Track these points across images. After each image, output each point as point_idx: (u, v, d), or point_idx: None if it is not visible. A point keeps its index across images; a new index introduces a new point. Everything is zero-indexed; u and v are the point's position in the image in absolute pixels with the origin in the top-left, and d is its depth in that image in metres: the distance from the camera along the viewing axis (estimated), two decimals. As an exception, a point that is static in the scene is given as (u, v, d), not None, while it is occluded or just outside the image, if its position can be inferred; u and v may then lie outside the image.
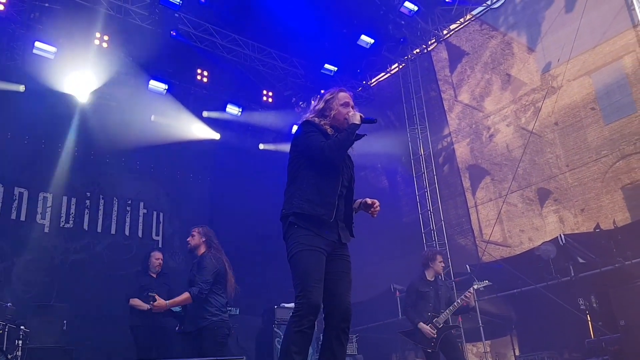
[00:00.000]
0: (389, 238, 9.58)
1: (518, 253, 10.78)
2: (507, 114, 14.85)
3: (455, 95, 14.12)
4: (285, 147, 10.38)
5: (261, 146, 10.13)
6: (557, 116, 14.57)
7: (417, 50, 9.96)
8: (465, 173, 13.00)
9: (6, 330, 5.42)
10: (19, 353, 5.34)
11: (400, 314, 8.10)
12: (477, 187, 13.94)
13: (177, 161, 9.44)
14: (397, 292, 8.35)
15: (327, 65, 9.60)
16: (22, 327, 5.54)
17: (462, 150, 13.29)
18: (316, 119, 3.17)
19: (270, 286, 8.60)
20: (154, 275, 6.50)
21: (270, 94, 9.75)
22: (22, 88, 7.75)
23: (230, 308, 6.55)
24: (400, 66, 10.16)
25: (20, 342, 5.41)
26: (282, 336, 6.14)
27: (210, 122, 9.39)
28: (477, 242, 10.47)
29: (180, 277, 7.70)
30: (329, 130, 3.10)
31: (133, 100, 8.54)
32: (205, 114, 9.35)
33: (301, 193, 3.04)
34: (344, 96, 3.22)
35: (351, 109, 3.16)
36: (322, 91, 3.69)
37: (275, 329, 6.97)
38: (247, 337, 7.51)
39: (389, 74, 10.52)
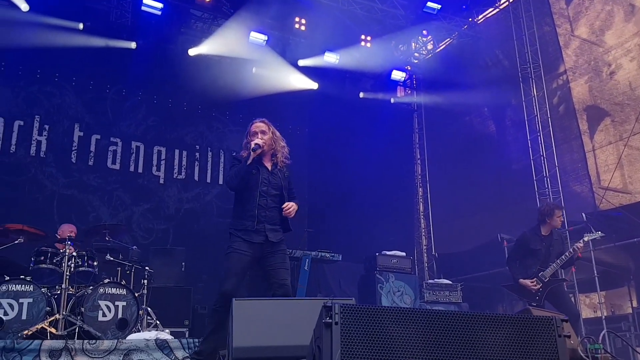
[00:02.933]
0: (498, 186, 9.12)
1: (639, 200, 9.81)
2: (630, 48, 13.23)
3: (571, 30, 12.79)
4: (386, 95, 10.19)
5: (361, 94, 9.91)
6: (691, 48, 12.78)
7: (530, -19, 9.09)
8: (582, 114, 11.90)
9: (132, 270, 5.91)
10: (145, 291, 5.80)
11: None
12: (596, 129, 12.73)
13: (276, 113, 9.51)
14: (505, 242, 8.01)
15: (429, 4, 9.00)
16: (146, 267, 6.01)
17: (579, 90, 12.11)
18: (243, 152, 3.98)
19: (372, 234, 8.61)
20: None
21: (368, 38, 9.41)
22: (133, 45, 8.16)
23: (333, 254, 6.68)
24: (511, 0, 9.36)
25: (145, 281, 5.87)
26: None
27: (308, 72, 9.32)
28: (594, 189, 9.66)
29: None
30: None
31: (235, 53, 8.69)
32: (302, 62, 9.28)
33: (233, 210, 3.99)
34: (253, 127, 4.05)
35: (253, 139, 3.92)
36: None
37: (377, 275, 7.00)
38: (350, 282, 7.63)
39: (497, 9, 9.71)
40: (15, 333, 4.62)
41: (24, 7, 7.11)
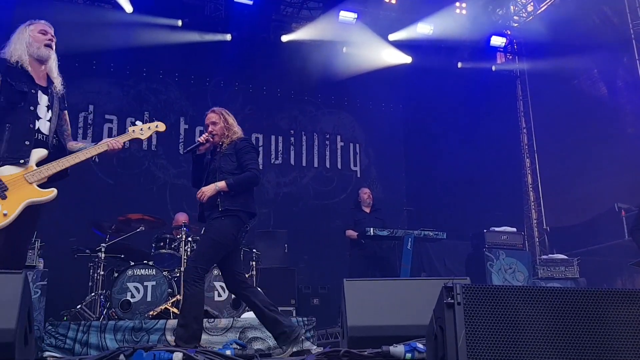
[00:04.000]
0: (611, 152, 8.41)
1: None
2: None
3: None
4: (486, 63, 9.67)
5: (460, 65, 9.49)
6: None
7: None
8: None
9: (241, 253, 6.17)
10: (254, 272, 6.04)
11: (626, 234, 7.21)
12: None
13: (368, 91, 9.46)
14: (623, 212, 7.39)
15: (528, -38, 8.42)
16: (253, 250, 6.25)
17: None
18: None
19: (477, 210, 8.29)
20: (367, 210, 6.97)
21: (463, 5, 8.92)
22: (228, 37, 8.41)
23: (437, 232, 6.53)
24: (619, -51, 8.47)
25: (253, 263, 6.11)
26: None
27: (401, 46, 9.07)
28: None
29: (384, 207, 7.96)
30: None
31: (326, 35, 8.68)
32: (394, 37, 9.04)
33: None
34: (206, 120, 4.08)
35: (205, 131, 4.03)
36: None
37: (486, 253, 6.75)
38: (456, 261, 7.44)
39: (604, -39, 8.85)
40: (142, 314, 4.99)
41: (129, 8, 7.54)
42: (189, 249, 5.47)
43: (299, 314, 5.97)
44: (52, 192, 3.12)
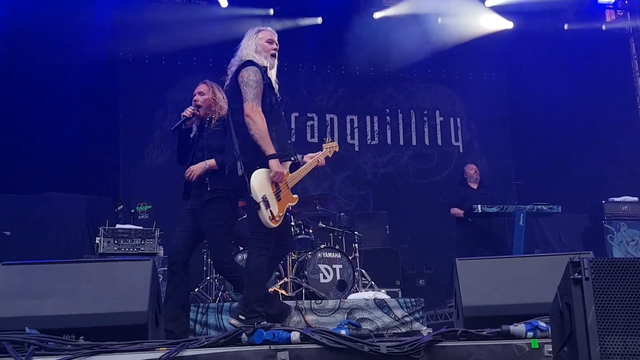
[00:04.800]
0: None
1: None
2: None
3: None
4: (594, 23, 8.83)
5: (566, 26, 8.73)
6: None
7: None
8: None
9: (343, 235, 6.20)
10: (357, 254, 6.05)
11: None
12: None
13: (467, 62, 9.05)
14: None
15: None
16: (355, 232, 6.25)
17: None
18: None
19: (593, 181, 7.65)
20: (474, 187, 6.77)
21: (567, -40, 8.22)
22: (319, 20, 8.40)
23: (551, 206, 6.14)
24: None
25: (356, 245, 6.12)
26: None
27: (500, 11, 8.47)
28: None
29: (491, 183, 7.61)
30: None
31: (419, 7, 8.37)
32: (491, 1, 8.46)
33: None
34: (195, 90, 3.97)
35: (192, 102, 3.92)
36: None
37: (606, 225, 6.23)
38: (572, 235, 6.95)
39: None
40: (253, 295, 5.18)
41: (224, 3, 7.76)
42: (292, 233, 5.57)
43: (405, 295, 5.90)
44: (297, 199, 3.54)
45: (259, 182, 3.21)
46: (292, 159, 3.45)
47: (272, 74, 3.52)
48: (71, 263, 2.68)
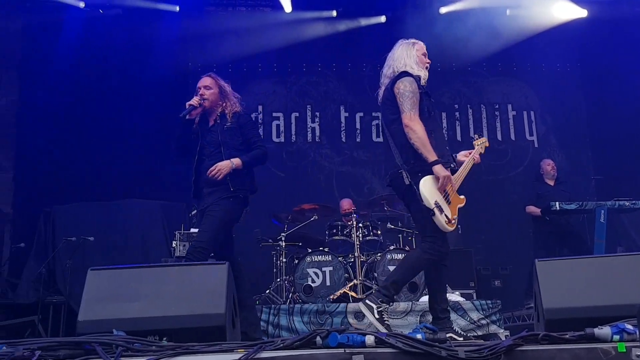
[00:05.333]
0: None
1: None
2: None
3: None
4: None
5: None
6: None
7: None
8: None
9: (412, 236, 6.12)
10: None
11: None
12: None
13: (539, 53, 8.64)
14: None
15: None
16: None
17: None
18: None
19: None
20: (551, 183, 6.54)
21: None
22: (383, 19, 8.31)
23: (634, 201, 5.75)
24: None
25: (426, 245, 6.01)
26: None
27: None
28: None
29: (569, 178, 7.24)
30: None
31: (486, 1, 8.12)
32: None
33: None
34: (198, 83, 3.95)
35: (196, 96, 3.88)
36: None
37: None
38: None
39: None
40: (323, 298, 5.22)
41: (288, 8, 7.86)
42: (360, 235, 5.57)
43: (480, 297, 5.72)
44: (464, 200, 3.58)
45: (428, 189, 3.26)
46: (452, 165, 3.50)
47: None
48: (153, 267, 2.80)
